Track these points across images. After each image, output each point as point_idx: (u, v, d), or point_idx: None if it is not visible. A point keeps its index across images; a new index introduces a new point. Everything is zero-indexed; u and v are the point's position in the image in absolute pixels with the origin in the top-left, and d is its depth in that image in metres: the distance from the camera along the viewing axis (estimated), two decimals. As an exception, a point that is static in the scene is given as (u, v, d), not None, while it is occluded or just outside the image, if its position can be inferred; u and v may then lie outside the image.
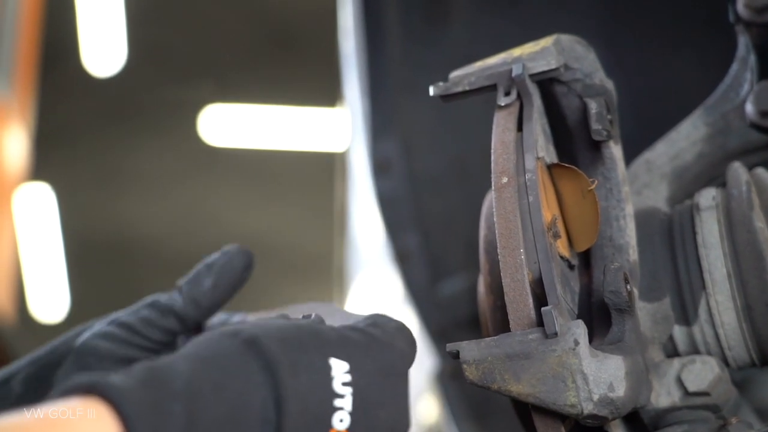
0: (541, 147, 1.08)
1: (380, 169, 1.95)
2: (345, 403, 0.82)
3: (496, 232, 0.99)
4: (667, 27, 1.91)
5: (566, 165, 1.07)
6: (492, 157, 1.03)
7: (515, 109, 1.06)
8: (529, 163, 1.02)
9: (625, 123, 1.64)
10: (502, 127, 1.05)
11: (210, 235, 7.59)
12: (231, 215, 7.63)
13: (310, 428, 0.80)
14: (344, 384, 0.82)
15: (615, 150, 1.12)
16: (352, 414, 0.82)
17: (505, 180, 1.00)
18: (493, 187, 1.01)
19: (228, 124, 7.68)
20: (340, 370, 0.82)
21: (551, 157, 1.12)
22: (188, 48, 7.33)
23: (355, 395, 0.82)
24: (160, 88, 7.45)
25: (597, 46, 1.16)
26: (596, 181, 1.06)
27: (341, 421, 0.81)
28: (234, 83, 7.50)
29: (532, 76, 1.08)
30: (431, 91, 1.12)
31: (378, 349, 0.86)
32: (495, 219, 0.99)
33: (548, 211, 1.03)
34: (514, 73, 1.06)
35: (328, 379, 0.82)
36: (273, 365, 0.80)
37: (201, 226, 7.72)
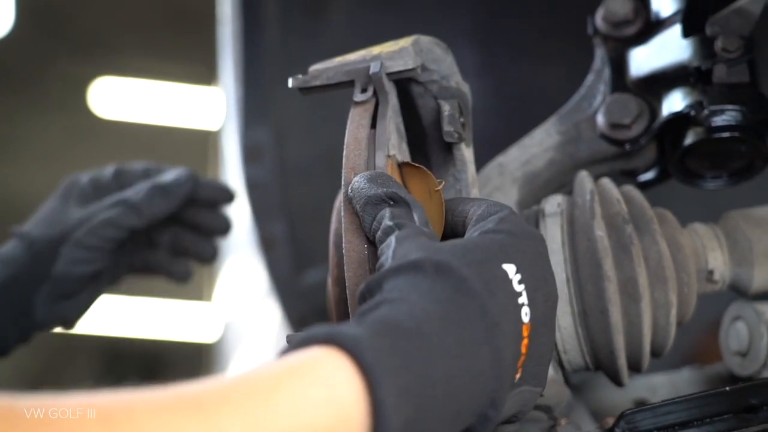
0: (393, 145, 1.10)
1: (251, 155, 1.95)
2: (523, 298, 0.88)
3: (343, 226, 1.00)
4: (540, 37, 1.95)
5: (415, 164, 1.09)
6: (344, 153, 1.04)
7: (371, 106, 1.08)
8: (380, 160, 1.03)
9: (492, 125, 1.67)
10: (356, 123, 1.07)
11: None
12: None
13: (516, 335, 0.86)
14: (519, 282, 0.88)
15: (466, 152, 1.14)
16: (529, 305, 0.88)
17: (353, 176, 1.02)
18: (343, 182, 1.03)
19: (118, 97, 7.59)
20: (512, 271, 0.88)
21: (403, 155, 1.13)
22: (80, 16, 7.21)
23: (527, 288, 0.88)
24: (49, 54, 7.31)
25: (473, 48, 1.18)
26: (443, 182, 1.08)
27: (526, 314, 0.87)
28: (125, 56, 7.41)
29: (389, 74, 1.10)
30: (290, 83, 1.13)
31: (523, 241, 0.91)
32: (342, 214, 1.01)
33: None
34: (371, 71, 1.08)
35: (509, 283, 0.87)
36: (473, 290, 0.84)
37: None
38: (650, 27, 1.23)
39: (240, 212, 2.10)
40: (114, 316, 8.06)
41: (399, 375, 0.77)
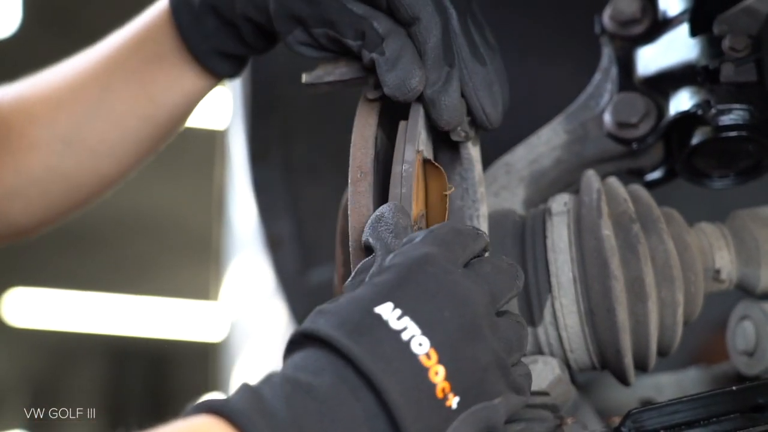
0: (423, 141, 1.09)
1: (257, 154, 1.96)
2: (410, 331, 0.83)
3: (349, 225, 1.00)
4: (547, 36, 1.95)
5: (437, 164, 1.07)
6: (351, 151, 1.04)
7: (377, 105, 1.08)
8: (409, 154, 1.02)
9: (500, 125, 1.66)
10: (363, 121, 1.06)
11: (96, 205, 7.51)
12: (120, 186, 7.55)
13: (408, 373, 0.82)
14: (398, 318, 0.84)
15: (473, 151, 1.14)
16: (423, 333, 0.84)
17: (360, 174, 1.02)
18: (350, 181, 1.02)
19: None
20: (387, 311, 0.84)
21: (429, 152, 1.13)
22: (88, 15, 7.20)
23: (414, 318, 0.84)
24: (56, 54, 7.30)
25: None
26: (453, 188, 1.07)
27: (420, 345, 0.83)
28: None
29: None
30: (303, 77, 1.13)
31: (405, 270, 0.88)
32: (349, 212, 1.01)
33: (417, 206, 1.04)
34: None
35: (385, 325, 0.83)
36: (344, 352, 0.82)
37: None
38: (657, 26, 1.23)
39: (246, 211, 2.10)
40: (120, 315, 8.07)
41: None
